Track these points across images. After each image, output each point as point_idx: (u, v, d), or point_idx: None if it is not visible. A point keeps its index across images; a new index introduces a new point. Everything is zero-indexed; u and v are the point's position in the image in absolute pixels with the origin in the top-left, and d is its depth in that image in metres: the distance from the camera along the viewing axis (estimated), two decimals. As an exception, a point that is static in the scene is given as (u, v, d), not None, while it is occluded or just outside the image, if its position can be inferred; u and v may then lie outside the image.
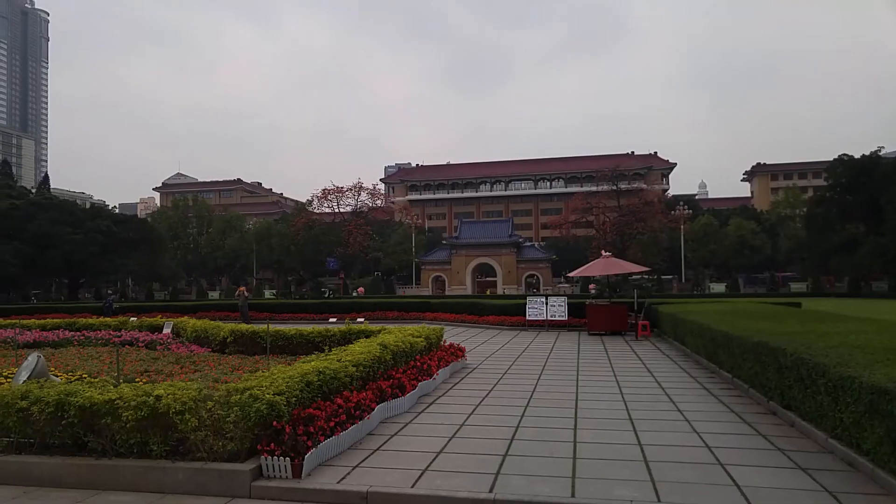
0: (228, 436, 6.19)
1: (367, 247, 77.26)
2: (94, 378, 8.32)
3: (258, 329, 15.14)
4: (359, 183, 79.76)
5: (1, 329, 19.05)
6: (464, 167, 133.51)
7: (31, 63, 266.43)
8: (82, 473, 6.29)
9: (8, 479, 6.37)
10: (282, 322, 29.94)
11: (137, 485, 6.17)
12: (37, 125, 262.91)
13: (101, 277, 73.32)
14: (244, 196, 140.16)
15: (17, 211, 64.36)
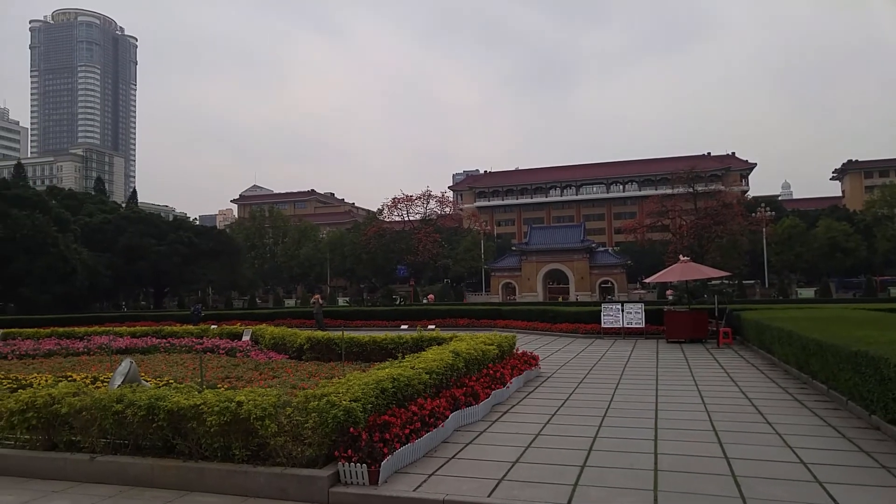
0: (307, 441, 6.27)
1: (437, 254, 77.71)
2: (179, 383, 8.66)
3: (333, 336, 15.38)
4: (427, 191, 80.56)
5: (97, 336, 20.15)
6: (533, 172, 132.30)
7: (122, 86, 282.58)
8: (172, 475, 6.51)
9: (107, 478, 6.68)
10: (355, 329, 30.43)
11: (222, 487, 6.33)
12: (126, 143, 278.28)
13: (183, 287, 76.60)
14: (318, 206, 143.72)
15: (109, 225, 68.22)
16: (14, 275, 54.59)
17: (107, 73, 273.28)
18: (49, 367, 14.67)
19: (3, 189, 63.69)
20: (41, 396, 7.09)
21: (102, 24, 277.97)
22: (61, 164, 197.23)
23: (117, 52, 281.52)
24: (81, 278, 58.08)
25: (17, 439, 7.28)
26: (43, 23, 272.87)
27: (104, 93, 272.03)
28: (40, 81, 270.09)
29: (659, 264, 51.83)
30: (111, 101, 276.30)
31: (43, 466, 6.94)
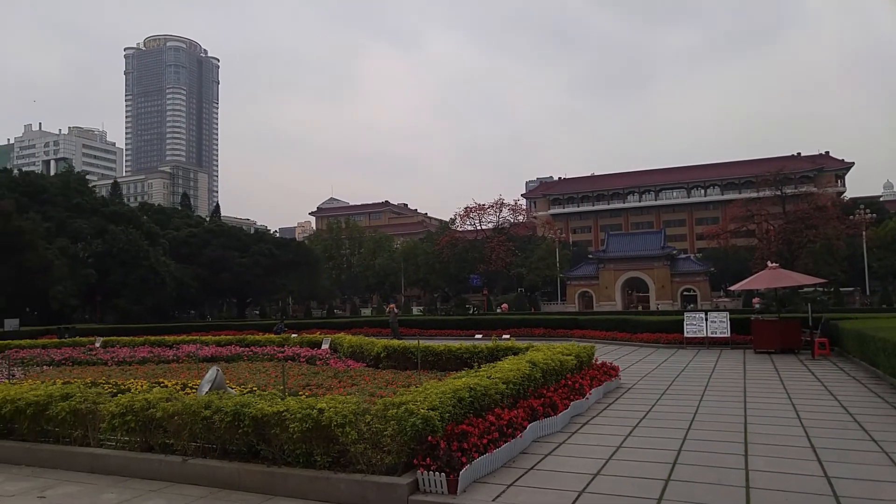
0: (386, 449, 6.31)
1: (510, 263, 77.28)
2: (263, 391, 8.92)
3: (409, 345, 15.52)
4: (500, 199, 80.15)
5: (185, 345, 21.09)
6: (609, 178, 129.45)
7: (205, 105, 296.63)
8: (257, 479, 6.70)
9: (198, 480, 6.95)
10: (429, 338, 30.61)
11: (304, 492, 6.45)
12: (210, 160, 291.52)
13: (265, 297, 79.25)
14: (391, 217, 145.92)
15: (194, 238, 71.47)
16: (112, 286, 57.96)
17: (192, 94, 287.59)
18: (143, 373, 15.43)
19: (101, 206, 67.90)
20: (138, 401, 7.47)
21: (188, 47, 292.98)
22: (151, 182, 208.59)
23: (201, 74, 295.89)
24: (170, 289, 61.04)
25: (117, 441, 7.69)
26: (136, 49, 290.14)
27: (189, 112, 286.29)
28: (133, 104, 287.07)
29: (744, 271, 49.76)
30: (196, 120, 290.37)
31: (141, 467, 7.29)
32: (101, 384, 10.98)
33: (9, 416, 8.20)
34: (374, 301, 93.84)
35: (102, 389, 8.88)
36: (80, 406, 7.84)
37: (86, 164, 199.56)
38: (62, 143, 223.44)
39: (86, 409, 7.82)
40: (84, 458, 7.66)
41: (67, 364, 18.76)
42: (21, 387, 8.88)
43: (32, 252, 49.39)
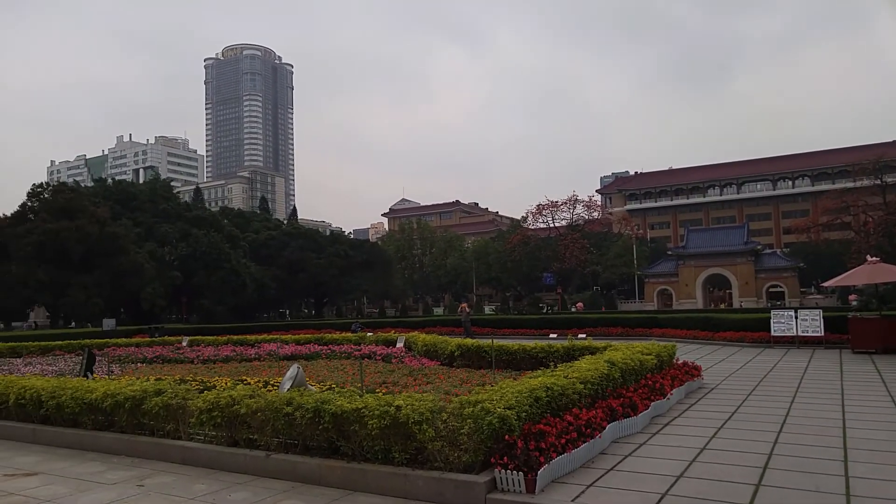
0: (462, 447, 6.31)
1: (585, 261, 76.06)
2: (341, 388, 9.10)
3: (482, 344, 15.51)
4: (573, 196, 79.04)
5: (266, 343, 21.81)
6: (688, 171, 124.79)
7: (280, 111, 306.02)
8: (337, 474, 6.83)
9: (280, 475, 7.14)
10: (503, 337, 30.50)
11: (383, 489, 6.53)
12: (286, 164, 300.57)
13: (341, 296, 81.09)
14: (462, 216, 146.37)
15: (273, 241, 73.87)
16: (196, 288, 60.62)
17: (267, 100, 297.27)
18: (227, 371, 16.06)
19: (185, 211, 71.19)
20: (224, 398, 7.76)
21: (263, 55, 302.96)
22: (231, 187, 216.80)
23: (276, 80, 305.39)
24: (250, 290, 63.29)
25: (205, 435, 8.01)
26: (215, 59, 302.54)
27: (265, 118, 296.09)
28: (213, 112, 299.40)
29: (837, 266, 47.13)
30: (272, 126, 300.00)
31: (227, 461, 7.57)
32: (189, 381, 11.49)
33: (109, 410, 8.69)
34: (446, 300, 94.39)
35: (190, 386, 9.28)
36: (172, 401, 8.22)
37: (170, 171, 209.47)
38: (149, 152, 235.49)
39: (176, 404, 8.20)
40: (176, 451, 8.03)
41: (158, 362, 19.74)
42: (119, 382, 9.40)
43: (125, 256, 52.31)
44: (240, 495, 6.58)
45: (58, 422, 9.42)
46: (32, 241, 48.78)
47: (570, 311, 51.47)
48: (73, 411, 9.08)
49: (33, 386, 9.85)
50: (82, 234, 49.69)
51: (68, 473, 7.66)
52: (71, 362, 19.31)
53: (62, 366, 18.27)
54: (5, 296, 49.49)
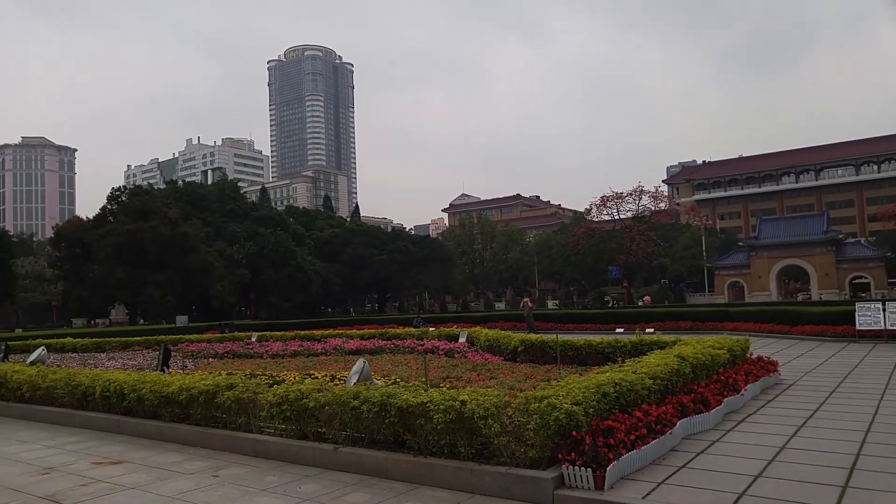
0: (529, 443, 6.26)
1: (651, 253, 74.28)
2: (406, 382, 9.17)
3: (546, 339, 15.33)
4: (639, 186, 76.94)
5: (331, 338, 22.21)
6: (760, 159, 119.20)
7: (342, 110, 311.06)
8: (403, 468, 6.88)
9: (348, 467, 7.26)
10: (567, 332, 30.16)
11: (449, 483, 6.54)
12: (348, 162, 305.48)
13: (402, 292, 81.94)
14: (523, 210, 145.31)
15: (336, 238, 75.23)
16: (263, 285, 62.38)
17: (329, 100, 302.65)
18: (295, 365, 16.42)
19: (252, 211, 73.31)
20: (293, 391, 7.93)
21: (324, 55, 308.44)
22: (295, 186, 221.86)
23: (337, 79, 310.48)
24: (316, 286, 64.67)
25: (275, 428, 8.22)
26: (278, 61, 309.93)
27: (328, 118, 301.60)
28: (277, 113, 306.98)
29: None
30: (333, 125, 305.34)
31: (296, 453, 7.74)
32: (258, 376, 11.80)
33: (185, 403, 9.03)
34: (507, 295, 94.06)
35: (260, 381, 9.52)
36: (243, 395, 8.46)
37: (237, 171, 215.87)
38: (217, 153, 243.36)
39: (247, 398, 8.43)
40: (247, 443, 8.26)
41: (229, 357, 20.36)
42: (193, 377, 9.73)
43: (196, 255, 54.28)
44: (309, 487, 6.71)
45: (139, 413, 9.85)
46: (112, 241, 51.24)
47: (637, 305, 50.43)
48: (153, 404, 9.48)
49: (116, 379, 10.33)
50: (156, 235, 51.85)
51: (150, 462, 8.00)
52: (149, 357, 20.15)
53: (141, 360, 19.08)
54: (89, 294, 52.20)
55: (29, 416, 11.69)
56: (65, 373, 11.80)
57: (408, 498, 6.31)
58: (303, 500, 6.30)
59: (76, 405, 10.95)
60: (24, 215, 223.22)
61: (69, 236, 55.29)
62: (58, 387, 11.23)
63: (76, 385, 10.87)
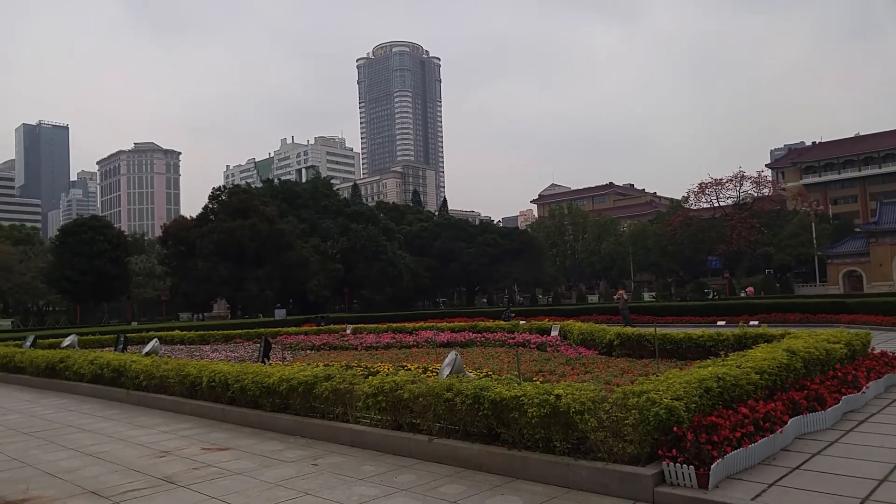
0: (627, 438, 6.09)
1: (754, 241, 70.58)
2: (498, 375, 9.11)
3: (643, 332, 14.90)
4: (740, 172, 73.16)
5: (422, 331, 22.50)
6: (879, 137, 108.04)
7: (429, 104, 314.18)
8: (498, 461, 6.84)
9: (442, 459, 7.29)
10: (664, 325, 29.15)
11: (545, 477, 6.45)
12: (436, 157, 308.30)
13: (491, 285, 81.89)
14: (616, 199, 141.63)
15: (425, 232, 76.15)
16: (356, 279, 64.03)
17: (417, 95, 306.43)
18: (388, 357, 16.73)
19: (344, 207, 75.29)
20: (388, 382, 8.04)
21: (412, 51, 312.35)
22: (385, 182, 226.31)
23: (424, 74, 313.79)
24: (406, 280, 65.75)
25: (371, 418, 8.38)
26: (366, 59, 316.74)
27: (415, 113, 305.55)
28: (366, 111, 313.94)
29: None
30: (421, 120, 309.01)
31: (392, 444, 7.85)
32: (354, 367, 12.08)
33: (284, 393, 9.35)
34: (600, 287, 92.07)
35: (356, 372, 9.74)
36: (340, 386, 8.66)
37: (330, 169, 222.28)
38: (310, 152, 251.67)
39: (344, 388, 8.62)
40: (345, 433, 8.46)
41: (325, 349, 21.02)
42: (292, 368, 10.08)
43: (292, 251, 56.37)
44: (405, 478, 6.79)
45: (241, 403, 10.30)
46: (214, 239, 54.01)
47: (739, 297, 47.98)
48: (254, 394, 9.88)
49: (221, 370, 10.85)
50: (255, 232, 54.22)
51: (253, 450, 8.34)
52: (250, 349, 21.09)
53: (242, 352, 20.00)
54: (194, 289, 55.29)
55: (145, 403, 12.48)
56: (175, 363, 12.51)
57: (503, 491, 6.26)
58: (399, 491, 6.37)
59: (186, 394, 11.58)
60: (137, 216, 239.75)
61: (175, 235, 58.76)
62: (169, 376, 11.93)
63: (185, 375, 11.51)
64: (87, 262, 56.49)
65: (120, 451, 8.63)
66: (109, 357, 14.58)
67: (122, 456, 8.36)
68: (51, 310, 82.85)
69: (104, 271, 57.47)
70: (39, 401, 14.14)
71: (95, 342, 24.04)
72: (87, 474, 7.49)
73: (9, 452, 8.85)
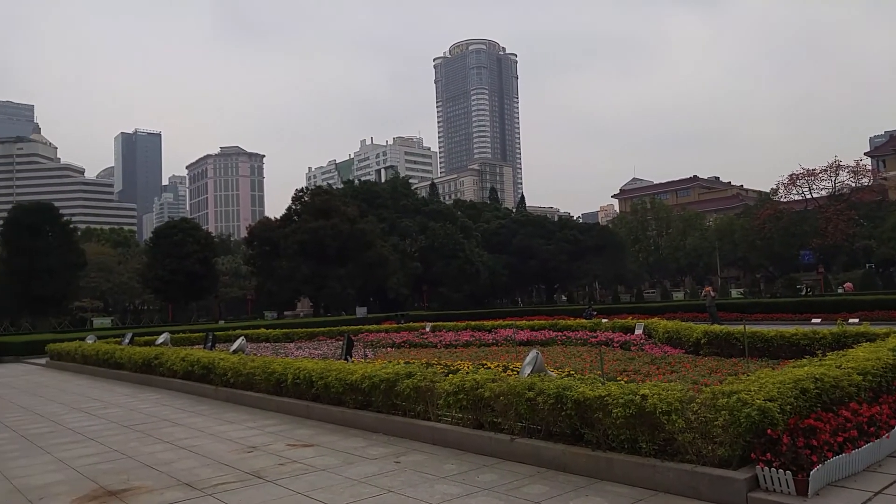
0: (717, 440, 5.86)
1: (852, 235, 66.39)
2: (580, 375, 8.96)
3: (732, 330, 14.33)
4: (835, 161, 68.68)
5: (501, 329, 22.42)
6: None
7: (506, 101, 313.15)
8: (581, 462, 6.72)
9: (524, 459, 7.23)
10: (754, 322, 27.93)
11: (630, 479, 6.31)
12: (513, 153, 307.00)
13: (571, 282, 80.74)
14: (701, 193, 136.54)
15: (503, 229, 75.94)
16: (434, 277, 64.60)
17: (493, 92, 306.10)
18: (467, 355, 16.75)
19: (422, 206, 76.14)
20: (468, 381, 8.04)
21: (488, 48, 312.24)
22: (462, 180, 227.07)
23: (501, 71, 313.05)
24: (484, 278, 65.77)
25: (452, 416, 8.40)
26: (443, 58, 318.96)
27: (492, 110, 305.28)
28: (443, 110, 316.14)
29: None
30: (498, 117, 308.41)
31: (473, 442, 7.85)
32: (434, 365, 12.17)
33: (367, 390, 9.52)
34: (685, 284, 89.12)
35: (436, 370, 9.77)
36: (421, 384, 8.73)
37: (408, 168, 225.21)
38: (388, 152, 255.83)
39: (425, 386, 8.69)
40: (426, 431, 8.52)
41: (405, 346, 21.29)
42: (374, 366, 10.24)
43: (372, 250, 57.47)
44: (487, 477, 6.77)
45: (325, 400, 10.55)
46: (297, 239, 55.78)
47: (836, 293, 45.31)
48: (338, 391, 10.10)
49: (305, 367, 11.15)
50: (336, 232, 55.62)
51: (337, 447, 8.53)
52: (332, 346, 21.62)
53: (325, 350, 20.52)
54: (278, 289, 57.27)
55: (233, 400, 12.98)
56: (261, 361, 12.95)
57: (587, 492, 6.16)
58: (481, 490, 6.36)
59: (271, 391, 11.97)
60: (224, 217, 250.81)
61: (260, 235, 61.05)
62: (256, 373, 12.36)
63: (271, 372, 11.89)
64: (178, 262, 59.42)
65: (211, 446, 9.01)
66: (199, 354, 15.27)
67: (213, 450, 8.72)
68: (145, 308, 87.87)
69: (193, 271, 60.30)
70: (137, 395, 15.00)
71: (185, 340, 25.31)
72: (181, 467, 7.86)
73: (111, 444, 9.41)
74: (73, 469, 7.98)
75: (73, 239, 61.18)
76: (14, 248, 55.73)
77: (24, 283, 53.91)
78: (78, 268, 60.07)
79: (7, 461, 8.61)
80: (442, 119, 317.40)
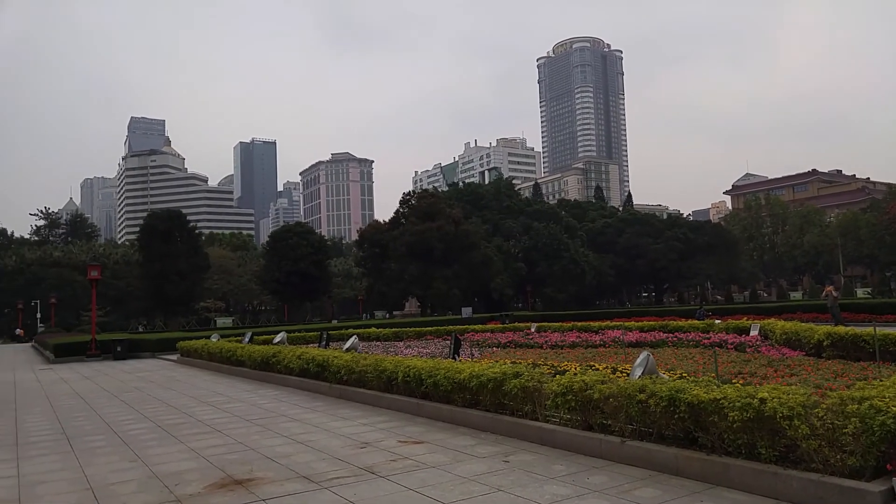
0: (846, 449, 5.54)
1: None
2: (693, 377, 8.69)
3: (860, 332, 13.38)
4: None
5: (609, 330, 21.99)
6: None
7: (611, 98, 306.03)
8: (695, 466, 6.54)
9: (635, 461, 7.13)
10: (884, 324, 25.89)
11: (748, 486, 6.08)
12: (618, 151, 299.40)
13: (680, 282, 77.75)
14: (821, 187, 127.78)
15: (609, 228, 74.32)
16: (538, 277, 64.16)
17: (598, 90, 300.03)
18: (574, 356, 16.55)
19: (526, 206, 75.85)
20: (577, 382, 8.00)
21: (592, 45, 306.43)
22: (566, 179, 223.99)
23: (606, 68, 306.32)
24: (589, 278, 64.61)
25: (560, 417, 8.38)
26: (546, 58, 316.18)
27: (597, 108, 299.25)
28: (547, 109, 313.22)
29: None
30: (603, 115, 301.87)
31: (582, 444, 7.80)
32: (540, 365, 12.14)
33: (475, 389, 9.65)
34: (804, 283, 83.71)
35: (543, 370, 9.77)
36: (528, 384, 8.77)
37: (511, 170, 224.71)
38: (492, 154, 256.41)
39: (533, 386, 8.72)
40: (534, 431, 8.55)
41: (511, 346, 21.31)
42: (481, 365, 10.37)
43: (476, 251, 57.92)
44: (597, 479, 6.73)
45: (434, 398, 10.78)
46: (404, 241, 57.12)
47: (983, 293, 41.14)
48: (446, 389, 10.30)
49: (415, 366, 11.44)
50: (442, 234, 56.48)
51: (446, 444, 8.72)
52: (440, 346, 21.98)
53: (433, 349, 20.90)
54: (388, 289, 58.87)
55: (346, 397, 13.48)
56: (373, 359, 13.39)
57: (702, 498, 6.00)
58: (591, 492, 6.34)
59: (382, 388, 12.35)
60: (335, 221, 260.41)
61: (370, 238, 62.99)
62: (367, 371, 12.79)
63: (382, 370, 12.28)
64: (293, 264, 62.45)
65: (325, 441, 9.40)
66: (314, 353, 15.96)
67: (328, 445, 9.11)
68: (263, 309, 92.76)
69: (307, 273, 63.14)
70: (258, 391, 15.89)
71: (301, 339, 26.53)
72: (298, 460, 8.27)
73: (235, 437, 10.05)
74: (203, 458, 8.60)
75: (198, 244, 65.71)
76: (149, 253, 60.61)
77: (157, 285, 58.48)
78: (203, 270, 64.43)
79: (146, 449, 9.40)
80: (545, 119, 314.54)
